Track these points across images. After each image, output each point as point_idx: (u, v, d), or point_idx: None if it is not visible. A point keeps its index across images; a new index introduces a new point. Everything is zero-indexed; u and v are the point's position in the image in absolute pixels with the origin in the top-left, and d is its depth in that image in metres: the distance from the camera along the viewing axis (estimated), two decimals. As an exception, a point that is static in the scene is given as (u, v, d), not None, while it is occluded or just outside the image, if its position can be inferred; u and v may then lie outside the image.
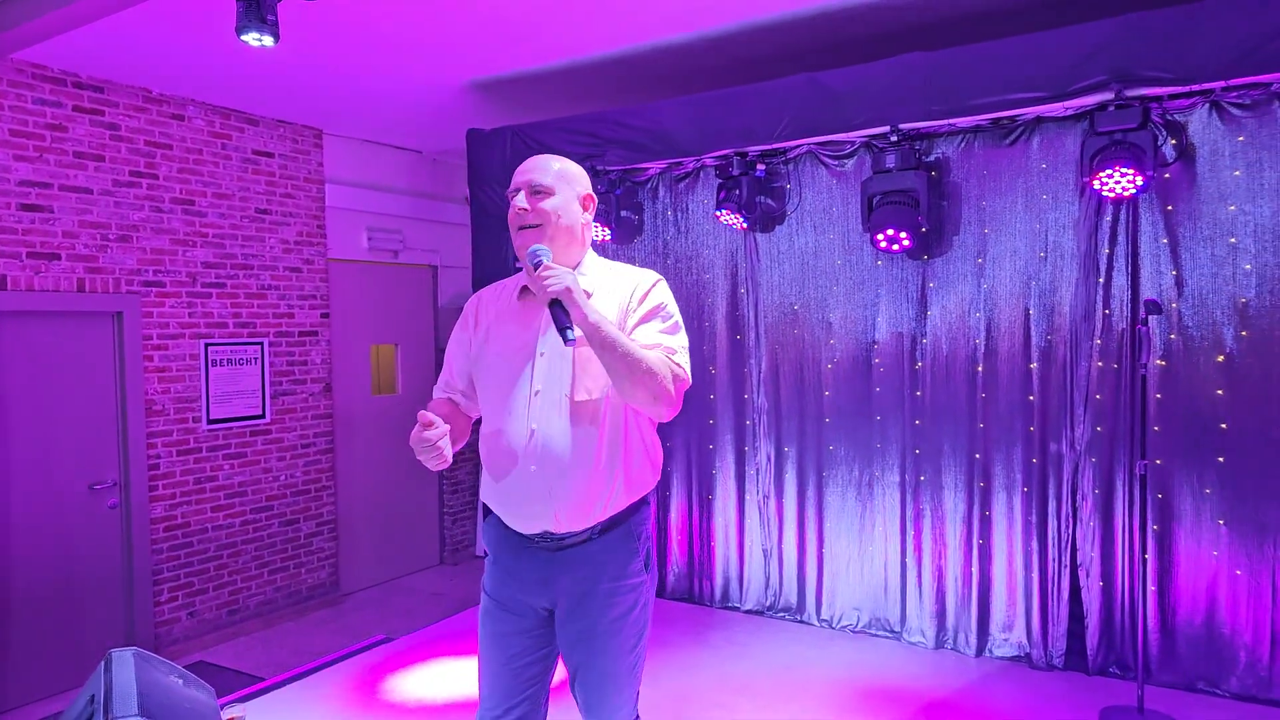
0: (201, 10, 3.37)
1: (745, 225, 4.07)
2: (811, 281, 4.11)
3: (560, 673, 1.97)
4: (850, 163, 3.97)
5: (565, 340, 1.69)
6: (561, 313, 1.70)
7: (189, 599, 4.55)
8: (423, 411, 1.75)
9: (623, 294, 1.84)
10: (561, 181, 1.85)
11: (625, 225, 4.44)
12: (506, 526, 1.89)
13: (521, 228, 1.82)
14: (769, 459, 4.25)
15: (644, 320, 1.81)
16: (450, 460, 1.78)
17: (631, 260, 4.59)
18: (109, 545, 4.28)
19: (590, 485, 1.78)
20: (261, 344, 4.86)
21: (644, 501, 1.90)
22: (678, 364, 1.77)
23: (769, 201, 4.12)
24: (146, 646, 4.30)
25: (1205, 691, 3.34)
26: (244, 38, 2.92)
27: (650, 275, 1.89)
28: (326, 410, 5.21)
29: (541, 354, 1.82)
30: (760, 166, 4.04)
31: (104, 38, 3.65)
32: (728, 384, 4.36)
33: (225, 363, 4.68)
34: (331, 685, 3.73)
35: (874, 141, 3.85)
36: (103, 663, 2.13)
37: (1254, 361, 3.24)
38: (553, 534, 1.82)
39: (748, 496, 4.34)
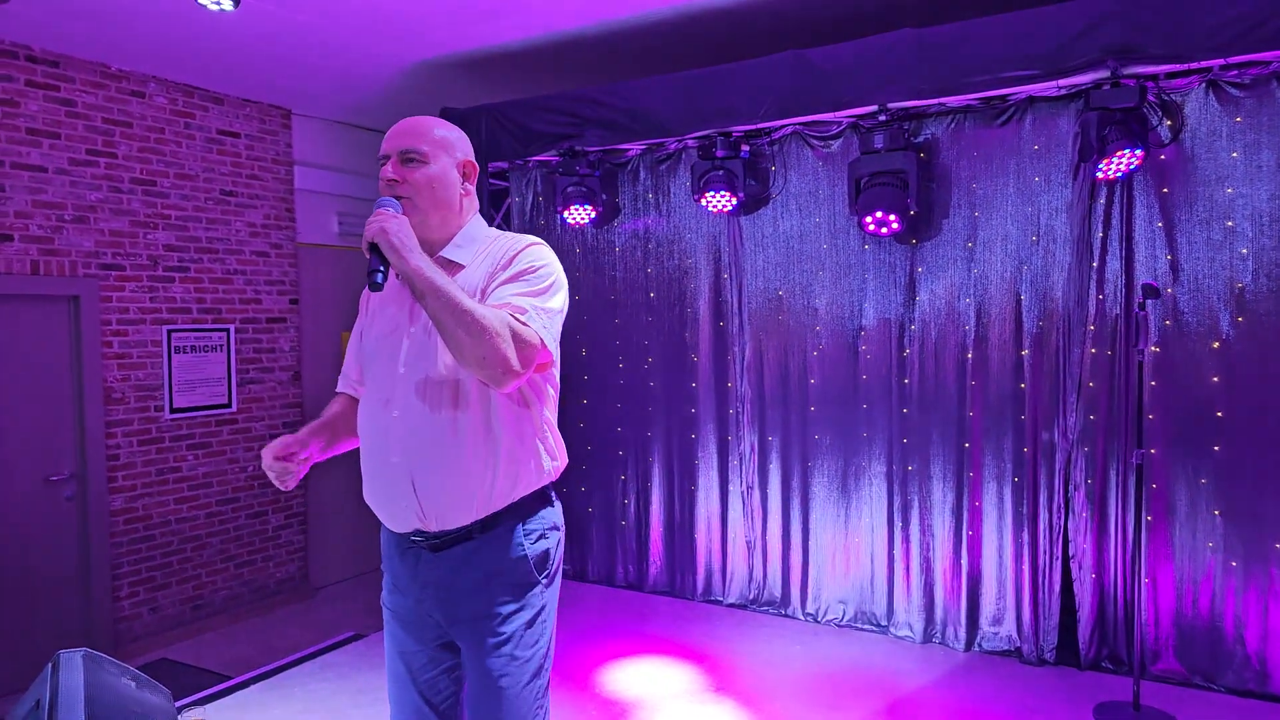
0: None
1: (729, 209, 3.94)
2: (797, 266, 3.98)
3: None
4: (837, 144, 3.84)
5: (370, 284, 1.54)
6: (378, 258, 1.53)
7: (150, 594, 4.37)
8: (276, 444, 1.67)
9: (497, 258, 1.67)
10: (437, 147, 1.67)
11: (604, 209, 4.29)
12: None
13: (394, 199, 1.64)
14: (753, 449, 4.13)
15: (505, 281, 1.62)
16: (294, 482, 1.70)
17: (611, 245, 4.46)
18: (65, 539, 4.09)
19: (458, 478, 1.59)
20: (227, 330, 4.68)
21: (539, 498, 1.70)
22: (523, 324, 1.54)
23: (753, 184, 3.99)
24: (105, 643, 4.13)
25: (1201, 686, 3.26)
26: (201, 0, 2.75)
27: (523, 239, 1.70)
28: (296, 399, 5.04)
29: (410, 332, 1.65)
30: (745, 147, 3.91)
31: (59, 9, 3.45)
32: (710, 372, 4.23)
33: (189, 350, 4.50)
34: (300, 684, 3.57)
35: (861, 122, 3.73)
36: (49, 665, 1.99)
37: (1250, 348, 3.15)
38: (425, 531, 1.64)
39: (731, 487, 4.22)
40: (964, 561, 3.70)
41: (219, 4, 2.74)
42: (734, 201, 3.88)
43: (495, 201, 4.55)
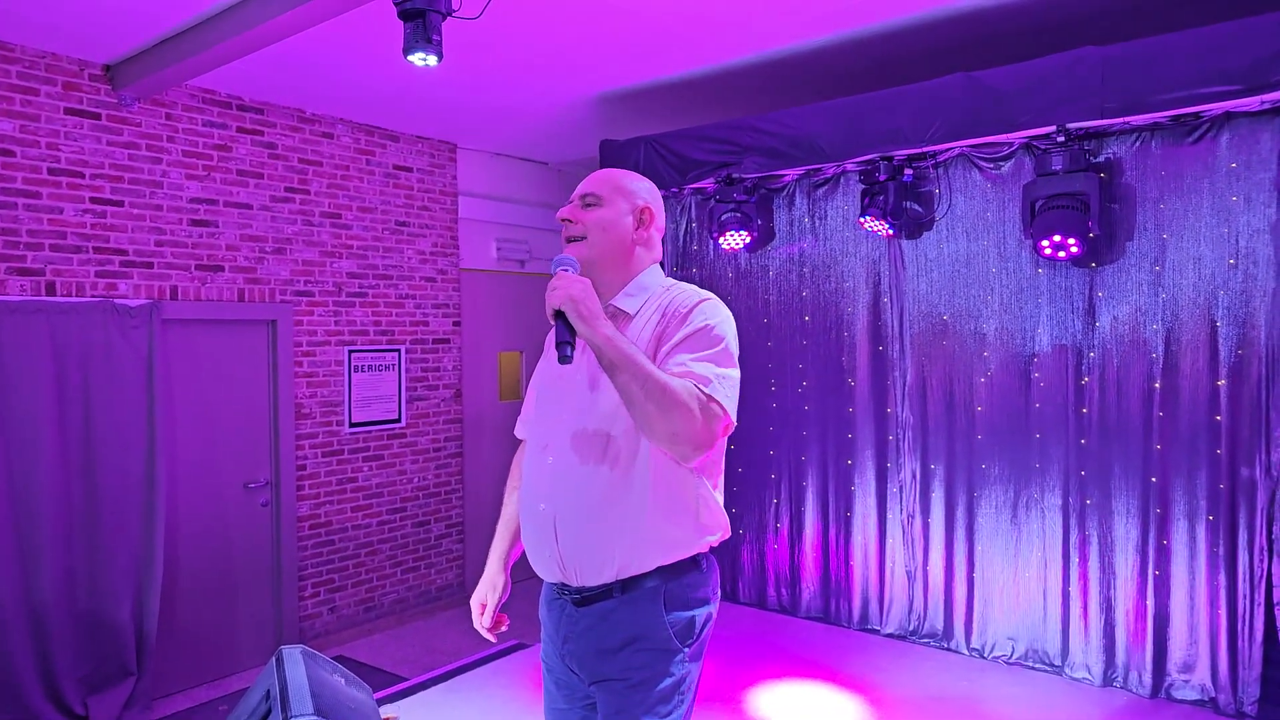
0: (350, 35, 3.50)
1: (890, 232, 3.92)
2: (962, 290, 3.91)
3: None
4: (1008, 165, 3.76)
5: (560, 357, 1.50)
6: (564, 326, 1.49)
7: (330, 595, 4.72)
8: (488, 619, 1.87)
9: (667, 315, 1.63)
10: (615, 193, 1.71)
11: (759, 233, 4.35)
12: None
13: (567, 239, 1.71)
14: (914, 476, 4.06)
15: (680, 345, 1.56)
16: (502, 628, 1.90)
17: (765, 269, 4.51)
18: (260, 542, 4.49)
19: (599, 535, 1.58)
20: (399, 351, 5.02)
21: (689, 565, 1.63)
22: (707, 396, 1.48)
23: (915, 207, 3.95)
24: (292, 639, 4.49)
25: None
26: (410, 58, 2.97)
27: (696, 294, 1.65)
28: (456, 415, 5.34)
29: (575, 380, 1.65)
30: (908, 171, 3.88)
31: (265, 63, 3.84)
32: (868, 397, 4.20)
33: (366, 369, 4.86)
34: (475, 688, 3.78)
35: (1035, 143, 3.63)
36: (274, 659, 2.20)
37: None
38: (568, 585, 1.65)
39: (889, 514, 4.16)
40: (1150, 602, 3.50)
41: (425, 60, 2.96)
42: (895, 225, 3.86)
43: (649, 228, 4.69)
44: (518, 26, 3.48)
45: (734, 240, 4.28)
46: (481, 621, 1.88)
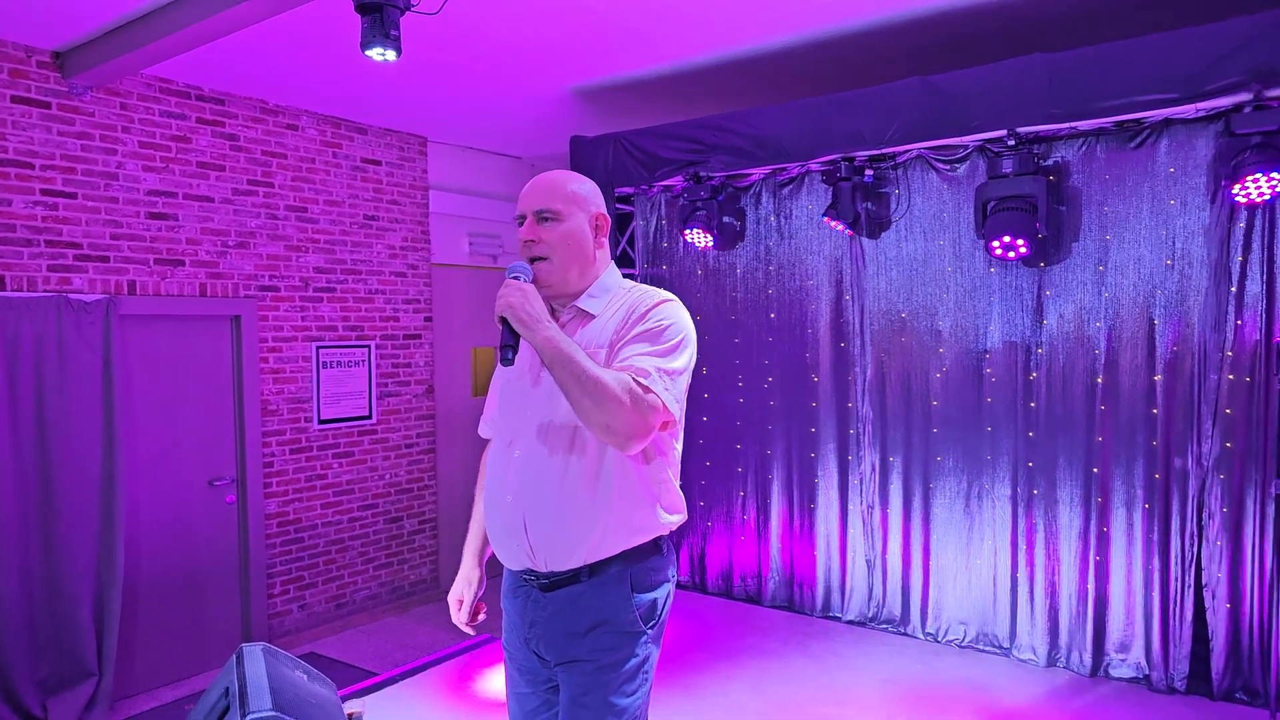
0: (315, 25, 3.47)
1: (851, 231, 4.04)
2: (920, 289, 4.05)
3: None
4: (963, 167, 3.90)
5: (502, 359, 1.59)
6: (507, 331, 1.58)
7: (300, 592, 4.73)
8: (464, 615, 1.96)
9: (630, 313, 1.71)
10: (570, 204, 1.73)
11: (726, 231, 4.44)
12: None
13: (530, 260, 1.72)
14: (873, 468, 4.20)
15: (633, 339, 1.66)
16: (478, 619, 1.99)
17: (733, 267, 4.60)
18: (227, 539, 4.47)
19: (566, 521, 1.65)
20: (369, 347, 5.02)
21: (651, 549, 1.72)
22: (644, 387, 1.56)
23: (874, 207, 4.07)
24: (260, 637, 4.49)
25: (1350, 723, 3.18)
26: (368, 53, 2.98)
27: (655, 295, 1.74)
28: (429, 411, 5.35)
29: (540, 377, 1.72)
30: (868, 172, 4.00)
31: (225, 52, 3.77)
32: (831, 392, 4.33)
33: (335, 365, 4.85)
34: (443, 681, 3.83)
35: (989, 146, 3.77)
36: (234, 657, 2.20)
37: None
38: (535, 572, 1.71)
39: (851, 506, 4.31)
40: (1091, 586, 3.69)
41: (384, 55, 2.97)
42: (855, 226, 3.98)
43: (620, 226, 4.76)
44: (485, 20, 3.48)
45: (702, 238, 4.37)
46: (459, 617, 1.96)
